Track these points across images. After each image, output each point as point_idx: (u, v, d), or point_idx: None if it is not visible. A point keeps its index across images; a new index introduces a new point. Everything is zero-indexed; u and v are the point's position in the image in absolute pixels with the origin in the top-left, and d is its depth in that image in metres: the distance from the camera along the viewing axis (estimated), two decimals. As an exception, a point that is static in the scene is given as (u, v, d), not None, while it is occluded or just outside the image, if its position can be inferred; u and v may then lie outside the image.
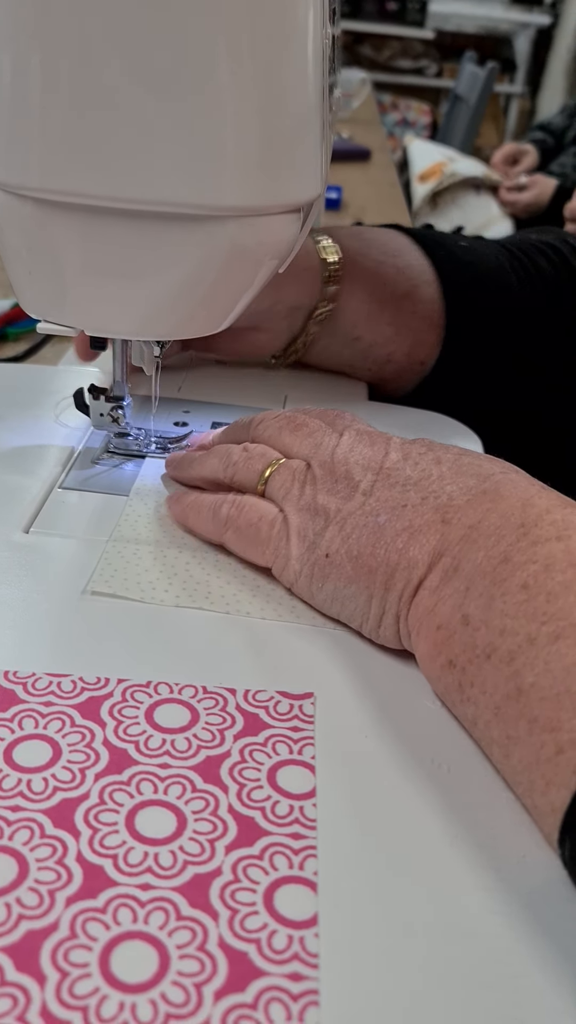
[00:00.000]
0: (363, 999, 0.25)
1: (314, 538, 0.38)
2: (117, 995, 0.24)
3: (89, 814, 0.29)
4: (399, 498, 0.37)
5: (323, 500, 0.39)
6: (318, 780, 0.31)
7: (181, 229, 0.37)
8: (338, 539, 0.37)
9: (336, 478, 0.39)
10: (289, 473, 0.41)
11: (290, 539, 0.39)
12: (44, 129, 0.35)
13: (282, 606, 0.39)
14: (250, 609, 0.39)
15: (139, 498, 0.45)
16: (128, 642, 0.37)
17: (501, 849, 0.30)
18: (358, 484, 0.38)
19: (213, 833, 0.29)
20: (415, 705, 0.35)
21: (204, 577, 0.40)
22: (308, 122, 0.38)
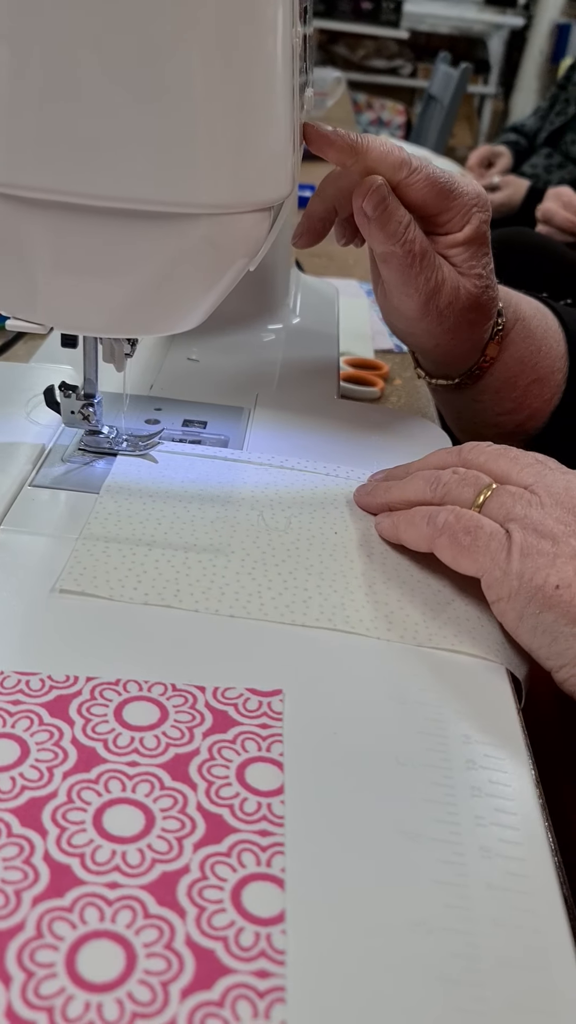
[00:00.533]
0: (329, 996, 0.25)
1: (539, 561, 0.37)
2: (83, 995, 0.24)
3: (57, 813, 0.29)
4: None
5: (551, 525, 0.39)
6: (286, 777, 0.31)
7: (152, 227, 0.37)
8: (571, 573, 0.37)
9: (566, 509, 0.39)
10: (510, 495, 0.40)
11: (511, 554, 0.38)
12: (13, 125, 0.34)
13: (251, 604, 0.39)
14: (219, 607, 0.39)
15: (110, 496, 0.45)
16: (97, 640, 0.36)
17: (463, 845, 0.30)
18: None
19: (181, 831, 0.29)
20: (383, 703, 0.35)
21: (173, 575, 0.40)
22: (278, 121, 0.38)
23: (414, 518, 0.42)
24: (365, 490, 0.47)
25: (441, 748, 0.34)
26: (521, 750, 0.35)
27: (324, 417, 0.57)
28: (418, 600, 0.41)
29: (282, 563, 0.42)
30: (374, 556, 0.44)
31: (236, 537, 0.43)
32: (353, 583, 0.41)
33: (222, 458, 0.49)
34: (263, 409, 0.56)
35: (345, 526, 0.45)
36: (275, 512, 0.46)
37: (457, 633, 0.39)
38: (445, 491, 0.42)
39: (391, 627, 0.39)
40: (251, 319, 0.67)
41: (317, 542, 0.44)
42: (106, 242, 0.37)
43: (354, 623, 0.39)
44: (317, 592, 0.40)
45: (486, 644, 0.39)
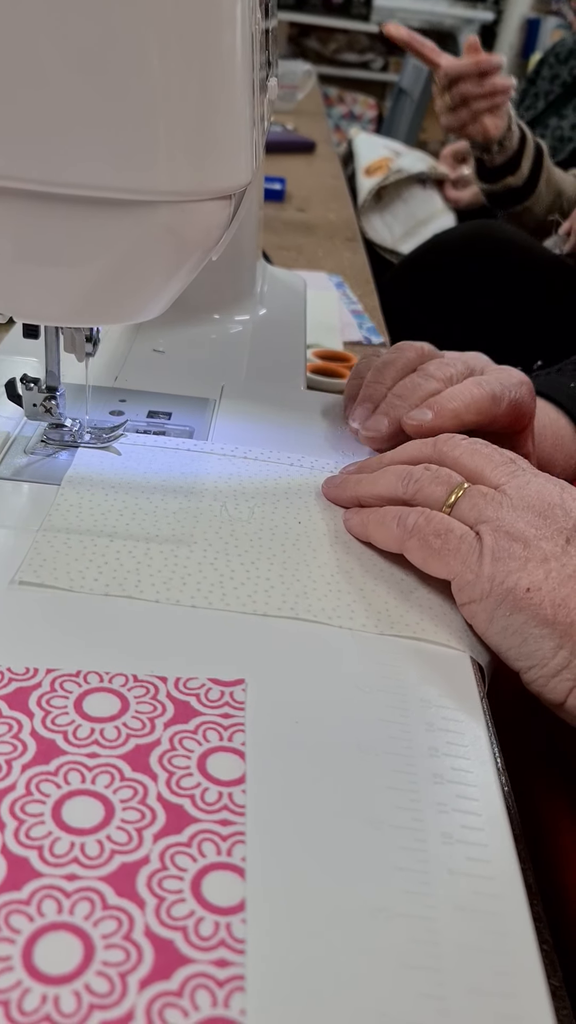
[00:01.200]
0: (289, 984, 0.25)
1: (511, 564, 0.38)
2: (40, 987, 0.24)
3: (15, 805, 0.29)
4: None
5: (523, 528, 0.38)
6: (248, 766, 0.31)
7: (112, 214, 0.37)
8: (541, 576, 0.37)
9: (536, 512, 0.39)
10: (481, 496, 0.40)
11: (483, 557, 0.38)
12: (-32, 110, 0.34)
13: (213, 594, 0.39)
14: (180, 598, 0.39)
15: (71, 487, 0.45)
16: (58, 631, 0.36)
17: (425, 831, 0.30)
18: (562, 527, 0.38)
19: (141, 822, 0.29)
20: (345, 691, 0.35)
21: (135, 566, 0.40)
22: (237, 110, 0.38)
23: (384, 518, 0.42)
24: (334, 482, 0.47)
25: (403, 736, 0.34)
26: (484, 737, 0.35)
27: (291, 408, 0.56)
28: (381, 589, 0.41)
29: (244, 553, 0.42)
30: (337, 545, 0.43)
31: (199, 528, 0.43)
32: (316, 572, 0.41)
33: (186, 449, 0.49)
34: (229, 400, 0.56)
35: (309, 516, 0.45)
36: (238, 502, 0.45)
37: (421, 620, 0.39)
38: (417, 488, 0.42)
39: (353, 616, 0.39)
40: (218, 310, 0.66)
41: (280, 532, 0.44)
42: (65, 230, 0.37)
43: (316, 612, 0.39)
44: (280, 581, 0.40)
45: (450, 632, 0.39)
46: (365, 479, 0.45)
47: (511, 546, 0.38)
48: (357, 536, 0.44)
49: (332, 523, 0.45)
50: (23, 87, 0.33)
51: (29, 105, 0.34)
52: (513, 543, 0.38)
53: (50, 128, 0.34)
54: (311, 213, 1.32)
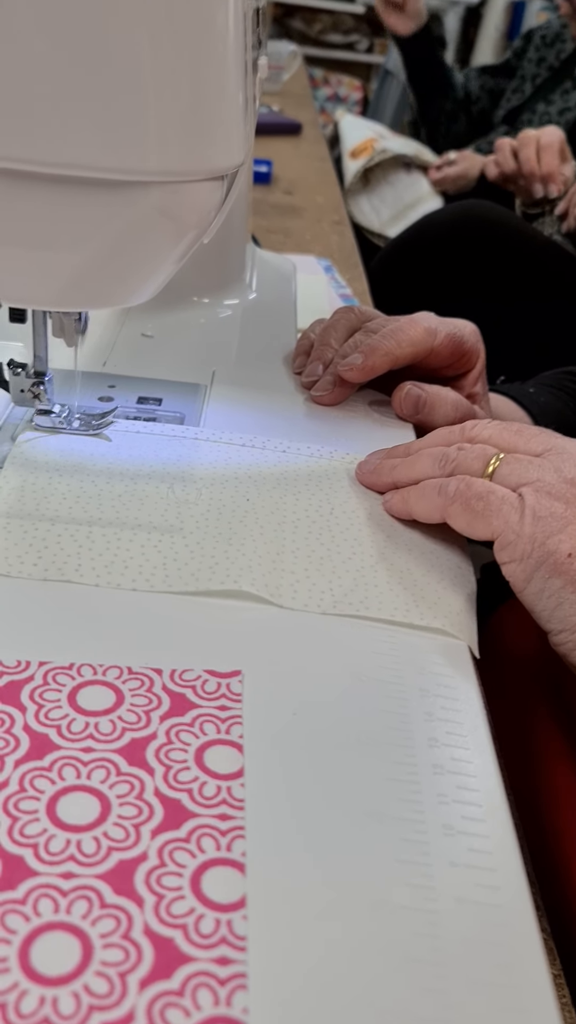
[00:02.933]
0: (292, 980, 0.25)
1: (552, 525, 0.37)
2: (37, 989, 0.24)
3: (8, 802, 0.28)
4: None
5: (564, 489, 0.38)
6: (246, 760, 0.31)
7: (101, 195, 0.36)
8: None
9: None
10: (520, 462, 0.40)
11: (524, 516, 0.38)
12: (-48, 87, 0.33)
13: (155, 576, 0.38)
14: (121, 581, 0.38)
15: (14, 470, 0.43)
16: (50, 623, 0.35)
17: (426, 823, 0.30)
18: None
19: (138, 817, 0.28)
20: (343, 682, 0.35)
21: (75, 550, 0.39)
22: (229, 88, 0.37)
23: (424, 490, 0.42)
24: (368, 468, 0.47)
25: (403, 726, 0.33)
26: (482, 727, 0.34)
27: (282, 393, 0.56)
28: (326, 567, 0.40)
29: (190, 535, 0.41)
30: (285, 524, 0.43)
31: (143, 511, 0.42)
32: (262, 548, 0.41)
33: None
34: (220, 386, 0.55)
35: (258, 493, 0.45)
36: (186, 484, 0.44)
37: (365, 599, 0.39)
38: (454, 465, 0.42)
39: (296, 595, 0.39)
40: (207, 294, 0.65)
41: (228, 510, 0.43)
42: (53, 211, 0.36)
43: (260, 587, 0.38)
44: (224, 557, 0.40)
45: (390, 606, 0.39)
46: (401, 463, 0.45)
47: (552, 505, 0.38)
48: (398, 515, 0.44)
49: (280, 501, 0.44)
50: (7, 62, 0.32)
51: (13, 82, 0.33)
52: (555, 502, 0.38)
53: (36, 105, 0.33)
54: (298, 196, 1.31)
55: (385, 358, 0.52)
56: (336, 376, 0.54)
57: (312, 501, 0.45)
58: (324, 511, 0.44)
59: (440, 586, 0.41)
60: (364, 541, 0.43)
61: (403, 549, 0.43)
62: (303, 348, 0.59)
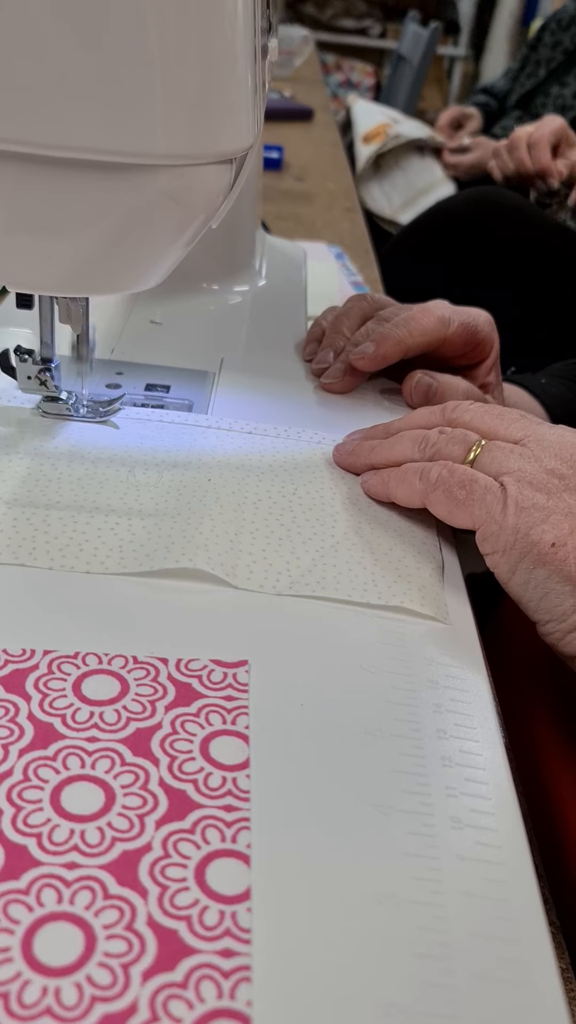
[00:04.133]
0: (296, 974, 0.25)
1: (535, 515, 0.37)
2: (40, 979, 0.23)
3: (12, 792, 0.28)
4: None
5: (545, 479, 0.38)
6: (252, 751, 0.30)
7: (108, 179, 0.35)
8: (566, 530, 0.37)
9: (561, 459, 0.39)
10: (501, 450, 0.40)
11: (507, 506, 0.38)
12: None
13: (110, 559, 0.38)
14: (75, 564, 0.37)
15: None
16: (55, 612, 0.35)
17: (434, 816, 0.30)
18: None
19: (143, 808, 0.28)
20: (351, 673, 0.34)
21: (31, 533, 0.38)
22: (238, 70, 0.36)
23: (406, 474, 0.42)
24: (346, 450, 0.46)
25: (411, 718, 0.33)
26: (492, 719, 0.34)
27: (292, 381, 0.55)
28: (285, 548, 0.40)
29: (148, 516, 0.40)
30: (246, 505, 0.42)
31: (102, 494, 0.42)
32: (220, 528, 0.40)
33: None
34: (229, 373, 0.55)
35: (220, 473, 0.44)
36: (147, 469, 0.44)
37: (322, 580, 0.39)
38: (434, 451, 0.42)
39: (252, 575, 0.38)
40: (216, 281, 0.65)
41: (188, 491, 0.42)
42: (59, 196, 0.35)
43: (215, 566, 0.38)
44: (181, 537, 0.39)
45: (348, 587, 0.38)
46: (379, 446, 0.45)
47: (535, 496, 0.38)
48: (377, 497, 0.44)
49: (243, 482, 0.44)
50: (14, 44, 0.32)
51: (19, 63, 0.32)
52: (536, 493, 0.38)
53: (42, 87, 0.32)
54: (309, 182, 1.30)
55: (397, 347, 0.52)
56: (347, 364, 0.53)
57: (275, 482, 0.44)
58: (287, 492, 0.44)
59: (403, 564, 0.40)
60: (326, 521, 0.42)
61: (367, 528, 0.42)
62: (315, 335, 0.58)
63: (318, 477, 0.45)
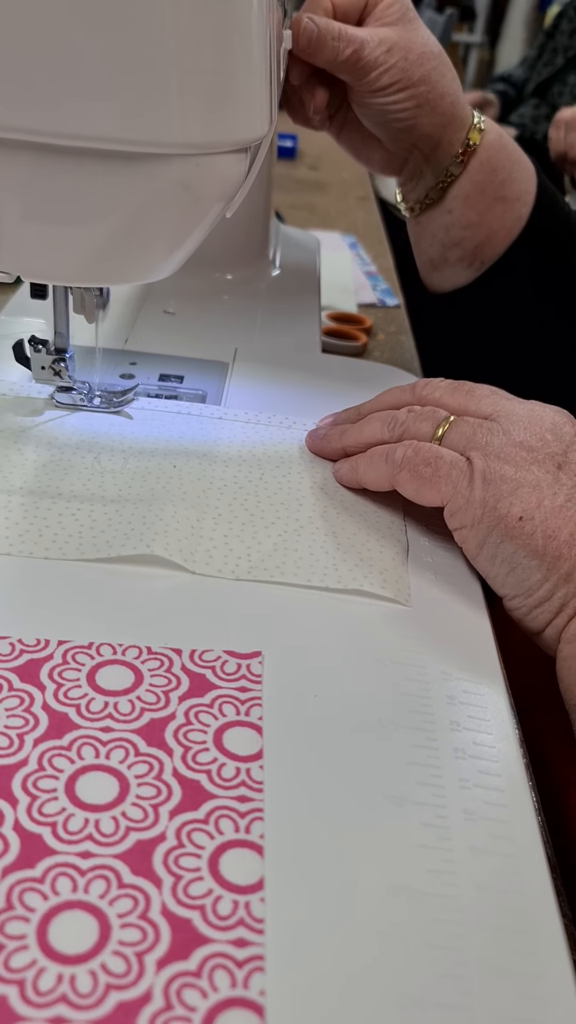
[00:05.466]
0: (309, 964, 0.25)
1: (503, 488, 0.37)
2: (55, 967, 0.24)
3: (27, 781, 0.28)
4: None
5: (513, 452, 0.38)
6: (265, 742, 0.30)
7: (122, 168, 0.35)
8: (534, 504, 0.36)
9: (527, 434, 0.39)
10: (469, 426, 0.40)
11: (473, 480, 0.38)
12: (-27, 58, 0.32)
13: (68, 545, 0.38)
14: (33, 550, 0.37)
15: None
16: (70, 602, 0.35)
17: (447, 808, 0.29)
18: (553, 452, 0.38)
19: (157, 798, 0.28)
20: (365, 665, 0.34)
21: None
22: (254, 58, 0.36)
23: (372, 458, 0.42)
24: (317, 435, 0.46)
25: (424, 710, 0.33)
26: (505, 711, 0.34)
27: (306, 371, 0.55)
28: (247, 534, 0.40)
29: (110, 503, 0.40)
30: (210, 491, 0.42)
31: (66, 480, 0.42)
32: (182, 514, 0.40)
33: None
34: (243, 363, 0.55)
35: (186, 460, 0.44)
36: (113, 455, 0.44)
37: (281, 564, 0.39)
38: (403, 429, 0.42)
39: (211, 560, 0.38)
40: (230, 271, 0.65)
41: (152, 477, 0.42)
42: (73, 185, 0.35)
43: (172, 552, 0.38)
44: (141, 523, 0.39)
45: (307, 571, 0.38)
46: (350, 429, 0.45)
47: (502, 468, 0.38)
48: (348, 484, 0.44)
49: (207, 471, 0.44)
50: (27, 32, 0.32)
51: (33, 51, 0.32)
52: (504, 465, 0.38)
53: (56, 76, 0.32)
54: (323, 171, 1.30)
55: None
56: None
57: (242, 468, 0.44)
58: (254, 477, 0.44)
59: (365, 548, 0.40)
60: (291, 506, 0.42)
61: (333, 513, 0.42)
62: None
63: (286, 463, 0.45)
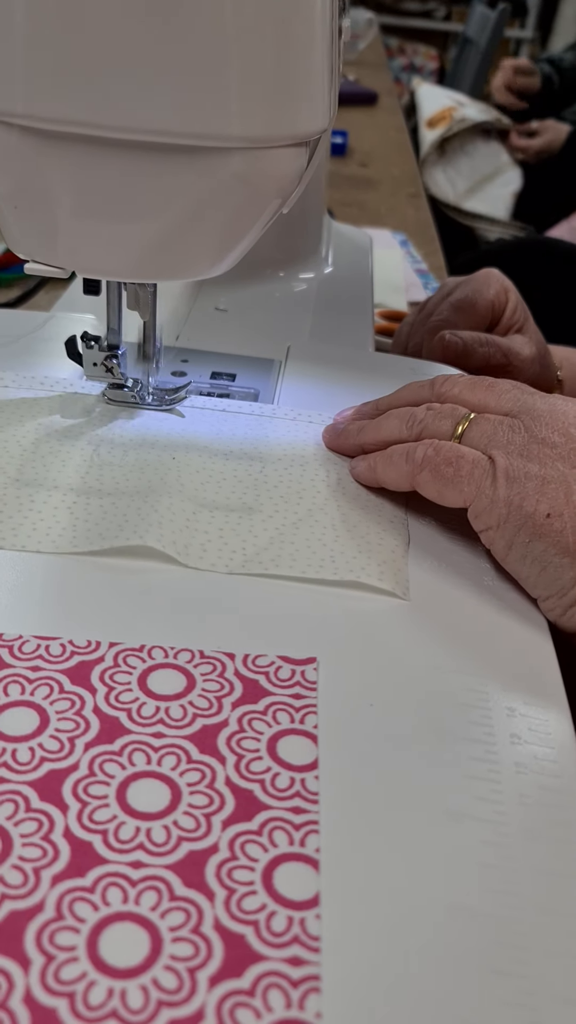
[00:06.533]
0: (367, 985, 0.24)
1: (528, 486, 0.36)
2: (106, 980, 0.23)
3: (78, 786, 0.27)
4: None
5: (536, 449, 0.37)
6: (320, 751, 0.30)
7: (181, 162, 0.34)
8: (562, 500, 0.35)
9: (553, 429, 0.38)
10: (490, 423, 0.39)
11: (497, 479, 0.36)
12: (32, 51, 0.32)
13: (63, 538, 0.37)
14: (26, 543, 0.36)
15: None
16: (121, 603, 0.35)
17: (508, 825, 0.28)
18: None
19: (209, 807, 0.27)
20: (422, 672, 0.33)
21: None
22: (316, 50, 0.35)
23: (391, 456, 0.40)
24: (335, 431, 0.45)
25: (484, 721, 0.32)
26: (567, 725, 0.33)
27: (359, 370, 0.54)
28: (243, 527, 0.39)
29: (106, 496, 0.39)
30: (209, 483, 0.41)
31: (64, 472, 0.41)
32: (178, 506, 0.39)
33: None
34: (295, 362, 0.54)
35: (185, 452, 0.43)
36: (112, 447, 0.43)
37: (276, 558, 0.37)
38: (422, 427, 0.40)
39: (204, 554, 0.37)
40: (282, 268, 0.64)
41: (150, 469, 0.41)
42: (130, 179, 0.35)
43: (166, 544, 0.37)
44: (136, 514, 0.38)
45: (303, 564, 0.37)
46: (368, 425, 0.43)
47: (526, 466, 0.36)
48: (365, 482, 0.42)
49: (210, 459, 0.43)
50: (85, 26, 0.31)
51: (91, 45, 0.31)
52: (528, 463, 0.37)
53: (112, 67, 0.32)
54: (373, 168, 1.28)
55: None
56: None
57: (242, 461, 0.43)
58: (254, 470, 0.43)
59: (365, 540, 0.39)
60: (291, 499, 0.41)
61: (333, 505, 0.41)
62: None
63: (288, 457, 0.44)
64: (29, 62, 0.32)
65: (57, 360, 0.49)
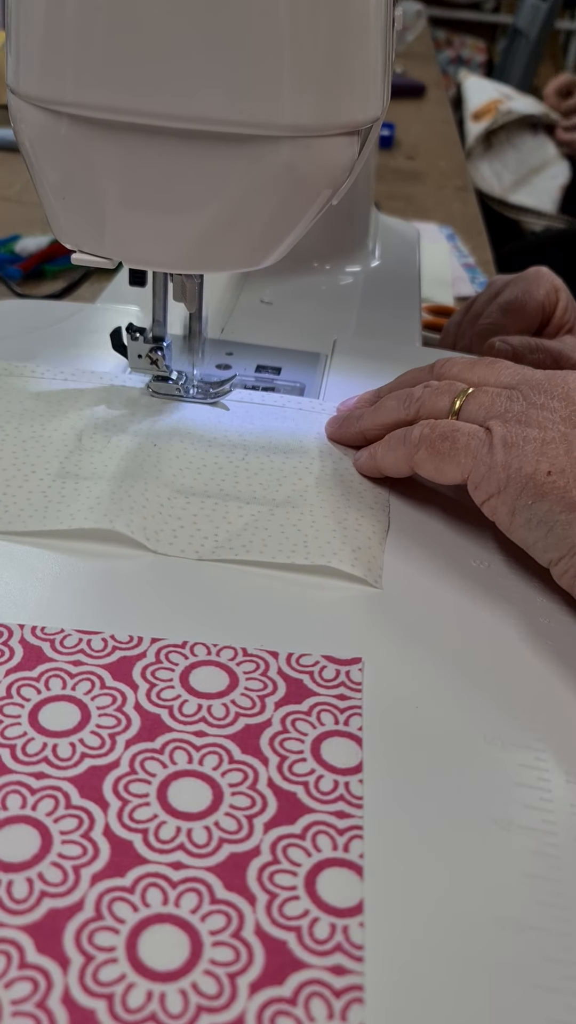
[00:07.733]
0: (411, 997, 0.23)
1: (527, 448, 0.35)
2: (145, 983, 0.22)
3: (119, 784, 0.27)
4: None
5: (535, 414, 0.36)
6: (365, 754, 0.29)
7: (230, 151, 0.34)
8: (563, 456, 0.35)
9: (553, 395, 0.37)
10: (488, 395, 0.38)
11: (494, 447, 0.36)
12: (81, 38, 0.32)
13: (32, 519, 0.37)
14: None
15: None
16: (164, 598, 0.34)
17: (558, 836, 0.27)
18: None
19: (251, 809, 0.27)
20: (471, 674, 0.32)
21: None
22: (371, 36, 0.34)
23: (390, 442, 0.40)
24: (336, 421, 0.44)
25: (533, 727, 0.31)
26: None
27: (407, 365, 0.53)
28: (218, 513, 0.38)
29: (83, 480, 0.39)
30: (187, 470, 0.41)
31: (42, 457, 0.41)
32: (153, 492, 0.39)
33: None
34: (341, 356, 0.53)
35: (168, 439, 0.43)
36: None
37: (248, 543, 0.37)
38: (419, 405, 0.40)
39: (175, 540, 0.37)
40: (329, 260, 0.63)
41: (130, 456, 0.41)
42: (179, 168, 0.34)
43: (135, 529, 0.36)
44: (108, 498, 0.38)
45: (274, 549, 0.37)
46: (367, 412, 0.43)
47: (524, 431, 0.36)
48: (369, 473, 0.42)
49: (191, 446, 0.42)
50: (136, 11, 0.31)
51: (142, 30, 0.31)
52: (527, 428, 0.36)
53: (160, 54, 0.31)
54: (420, 161, 1.27)
55: None
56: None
57: (224, 448, 0.43)
58: (236, 457, 0.42)
59: (341, 526, 0.38)
60: (270, 486, 0.40)
61: (312, 491, 0.40)
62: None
63: (271, 443, 0.43)
64: (79, 50, 0.32)
65: (102, 352, 0.49)
